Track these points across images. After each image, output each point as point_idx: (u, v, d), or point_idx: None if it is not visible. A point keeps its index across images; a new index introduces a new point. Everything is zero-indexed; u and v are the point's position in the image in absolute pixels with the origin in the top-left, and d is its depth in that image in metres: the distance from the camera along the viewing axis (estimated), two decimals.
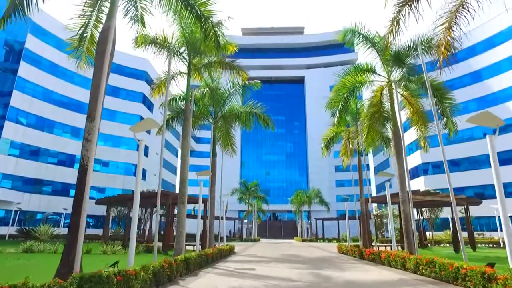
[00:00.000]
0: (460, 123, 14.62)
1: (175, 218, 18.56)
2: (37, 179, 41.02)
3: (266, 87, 65.67)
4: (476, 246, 23.82)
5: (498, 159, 6.69)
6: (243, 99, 21.95)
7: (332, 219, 49.49)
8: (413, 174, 51.35)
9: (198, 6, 9.81)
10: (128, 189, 46.71)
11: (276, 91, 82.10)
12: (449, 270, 7.40)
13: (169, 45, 14.17)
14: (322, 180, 70.83)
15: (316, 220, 50.95)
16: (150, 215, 30.15)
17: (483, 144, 44.41)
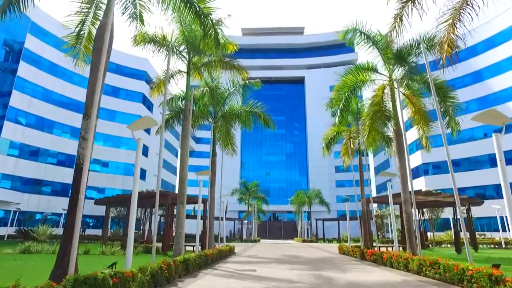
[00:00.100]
0: (461, 123, 14.46)
1: (174, 219, 18.38)
2: (36, 179, 40.88)
3: (266, 87, 65.56)
4: (478, 246, 23.64)
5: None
6: (243, 99, 21.78)
7: (332, 220, 49.31)
8: (413, 175, 51.19)
9: (197, 3, 9.67)
10: (128, 189, 46.54)
11: (276, 92, 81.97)
12: (454, 272, 7.22)
13: (168, 43, 14.02)
14: (322, 181, 70.68)
15: (317, 220, 50.78)
16: (150, 215, 29.97)
17: (483, 144, 44.43)
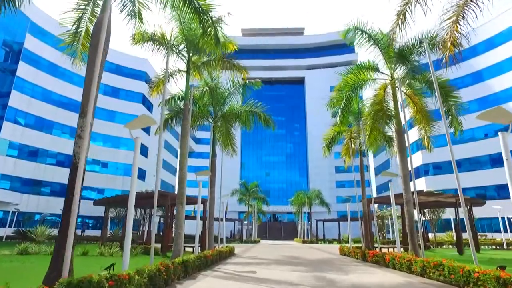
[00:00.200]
0: (462, 123, 14.30)
1: (174, 219, 18.22)
2: (35, 179, 40.69)
3: (266, 88, 65.44)
4: (479, 247, 23.46)
5: (500, 160, 6.37)
6: (243, 99, 21.63)
7: (332, 220, 49.12)
8: (414, 175, 51.03)
9: (196, 0, 9.51)
10: (127, 190, 46.27)
11: (276, 92, 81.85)
12: (459, 274, 7.04)
13: (167, 42, 13.87)
14: (323, 181, 70.50)
15: (317, 221, 50.59)
16: (149, 216, 29.80)
17: (484, 144, 44.22)
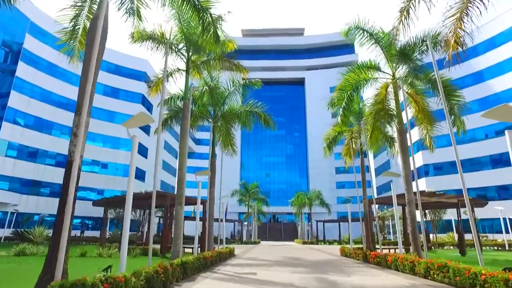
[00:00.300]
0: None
1: (173, 220, 18.04)
2: (35, 180, 40.46)
3: (266, 88, 65.23)
4: (481, 248, 23.25)
5: (500, 161, 6.21)
6: (243, 99, 21.50)
7: (333, 221, 48.91)
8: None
9: None
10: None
11: (276, 93, 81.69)
12: (465, 276, 6.85)
13: (167, 41, 13.72)
14: (323, 182, 70.27)
15: (317, 222, 50.37)
16: (149, 217, 29.61)
17: (485, 145, 43.93)
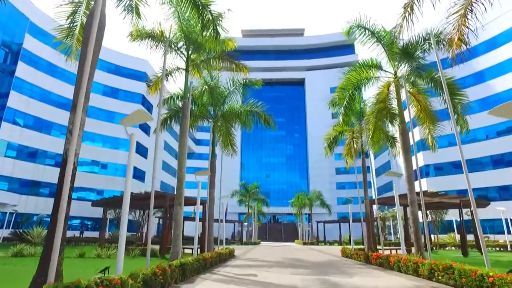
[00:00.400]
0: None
1: (172, 220, 17.85)
2: (34, 180, 40.28)
3: (266, 89, 65.22)
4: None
5: (502, 161, 6.04)
6: (243, 99, 21.35)
7: (333, 222, 48.70)
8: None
9: None
10: None
11: (276, 93, 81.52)
12: (471, 278, 6.66)
13: (166, 39, 13.55)
14: (323, 182, 70.05)
15: (317, 222, 50.18)
16: (148, 217, 29.43)
17: (486, 145, 43.65)
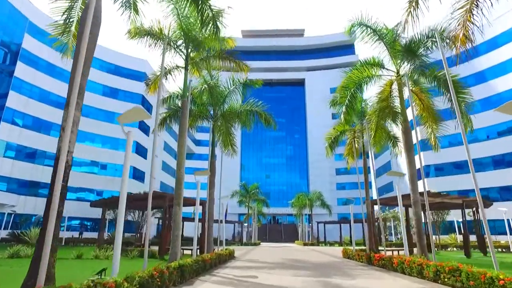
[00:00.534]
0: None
1: (172, 221, 17.61)
2: (33, 181, 40.06)
3: (267, 89, 64.97)
4: (486, 250, 22.79)
5: (503, 162, 5.83)
6: (243, 98, 21.17)
7: (334, 223, 48.46)
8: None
9: None
10: (127, 191, 45.67)
11: (276, 94, 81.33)
12: (480, 281, 6.44)
13: (165, 37, 13.35)
14: (323, 183, 69.78)
15: (318, 223, 49.95)
16: (147, 218, 29.20)
17: (487, 146, 43.43)
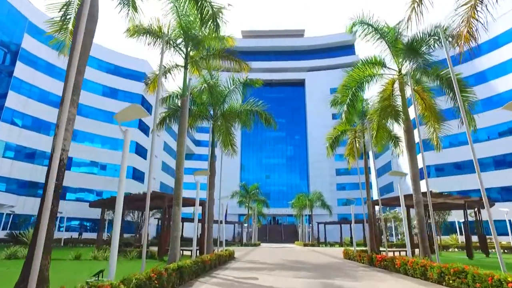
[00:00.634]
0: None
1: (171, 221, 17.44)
2: (32, 181, 39.88)
3: (267, 89, 64.72)
4: (488, 251, 22.60)
5: (504, 162, 5.67)
6: (243, 98, 21.03)
7: (334, 223, 48.27)
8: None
9: None
10: (126, 192, 45.47)
11: (276, 94, 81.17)
12: (487, 283, 6.27)
13: (164, 35, 13.19)
14: (323, 184, 69.55)
15: (318, 224, 49.76)
16: (144, 218, 29.05)
17: (488, 146, 43.33)
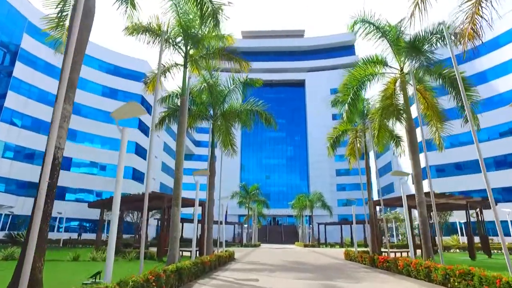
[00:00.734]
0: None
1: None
2: (31, 182, 39.72)
3: (267, 90, 64.56)
4: (490, 252, 22.43)
5: (505, 163, 5.53)
6: (243, 98, 20.91)
7: (334, 224, 48.08)
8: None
9: None
10: (125, 192, 45.34)
11: (276, 94, 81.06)
12: (495, 285, 6.11)
13: (163, 33, 13.05)
14: (323, 184, 69.37)
15: (318, 224, 49.57)
16: (143, 218, 28.83)
17: (488, 146, 43.30)
